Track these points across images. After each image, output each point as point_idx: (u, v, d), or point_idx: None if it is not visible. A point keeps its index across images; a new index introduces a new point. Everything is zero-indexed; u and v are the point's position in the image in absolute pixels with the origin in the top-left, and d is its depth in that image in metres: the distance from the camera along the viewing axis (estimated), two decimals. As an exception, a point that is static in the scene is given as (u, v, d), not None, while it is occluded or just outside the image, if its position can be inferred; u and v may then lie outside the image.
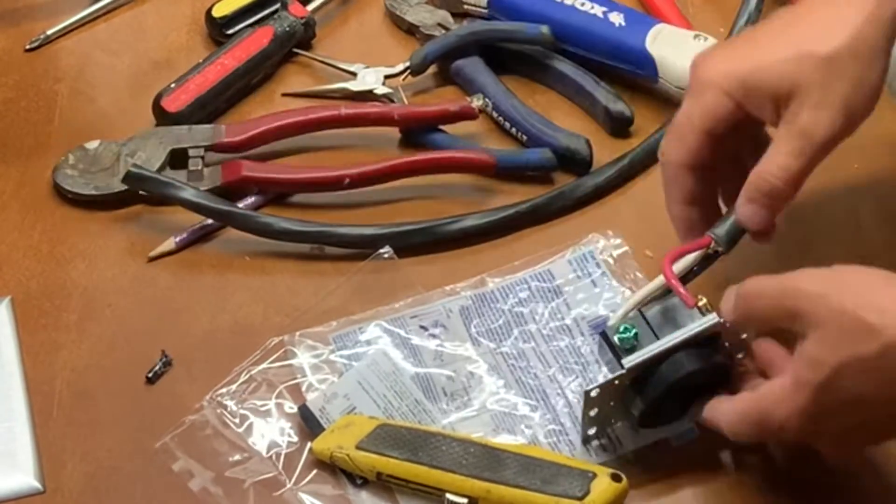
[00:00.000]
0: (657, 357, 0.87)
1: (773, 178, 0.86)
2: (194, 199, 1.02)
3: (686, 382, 0.87)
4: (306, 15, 1.16)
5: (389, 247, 1.01)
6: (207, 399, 0.92)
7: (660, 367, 0.87)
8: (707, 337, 0.87)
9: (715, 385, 0.88)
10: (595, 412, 0.89)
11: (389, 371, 0.94)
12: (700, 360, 0.87)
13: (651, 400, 0.87)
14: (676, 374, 0.86)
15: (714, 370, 0.88)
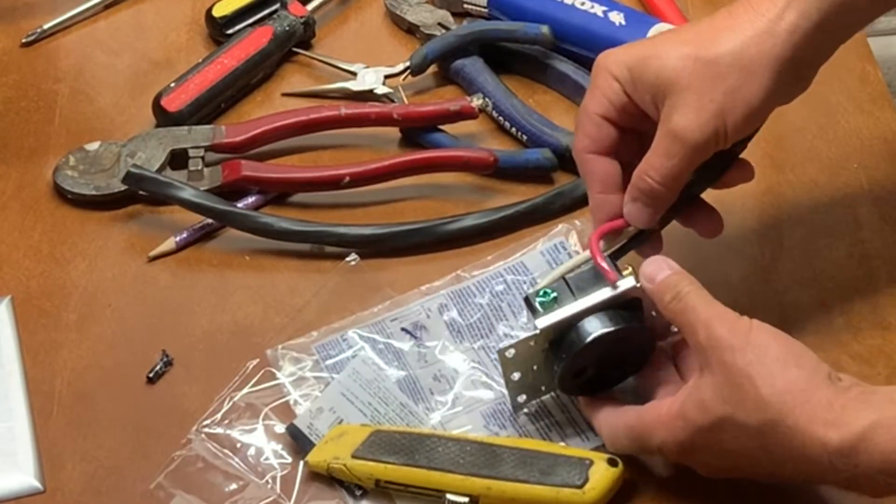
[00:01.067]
0: (572, 318, 0.86)
1: (649, 178, 0.86)
2: (194, 199, 1.03)
3: (602, 346, 0.86)
4: (306, 14, 1.16)
5: (355, 254, 1.01)
6: (194, 431, 0.91)
7: (574, 328, 0.86)
8: (628, 302, 0.87)
9: (640, 356, 0.88)
10: (518, 376, 0.88)
11: (372, 378, 0.94)
12: (615, 322, 0.86)
13: (566, 363, 0.86)
14: (590, 336, 0.85)
15: (633, 336, 0.87)
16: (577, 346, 0.86)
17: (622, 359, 0.88)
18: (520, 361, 0.88)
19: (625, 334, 0.86)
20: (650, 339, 0.88)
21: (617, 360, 0.88)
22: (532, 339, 0.87)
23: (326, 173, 1.06)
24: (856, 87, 1.13)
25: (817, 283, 1.00)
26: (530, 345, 0.87)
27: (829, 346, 0.96)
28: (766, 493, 0.89)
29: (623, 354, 0.88)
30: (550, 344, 0.87)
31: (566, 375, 0.87)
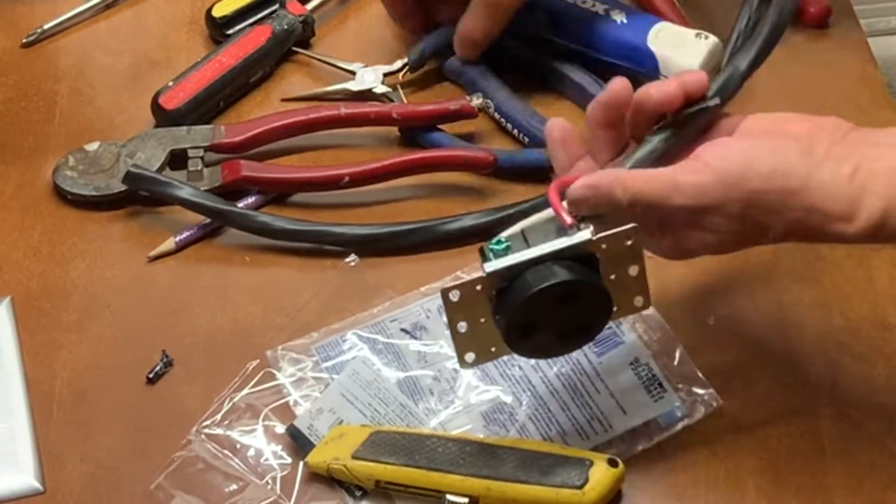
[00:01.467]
0: (522, 265, 0.81)
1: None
2: (192, 199, 1.03)
3: (551, 299, 0.81)
4: (305, 13, 1.16)
5: (355, 254, 1.01)
6: (194, 432, 0.92)
7: (522, 277, 0.81)
8: (584, 257, 0.82)
9: (596, 319, 0.84)
10: (465, 328, 0.83)
11: (371, 379, 0.94)
12: (566, 274, 0.80)
13: (512, 313, 0.81)
14: (538, 285, 0.80)
15: (587, 295, 0.82)
16: (524, 295, 0.80)
17: (576, 321, 0.83)
18: (466, 309, 0.82)
19: (577, 289, 0.81)
20: (607, 302, 0.83)
21: (570, 321, 0.83)
22: (478, 282, 0.81)
23: (326, 173, 1.06)
24: (856, 87, 1.13)
25: (817, 283, 1.00)
26: (476, 290, 0.81)
27: (829, 346, 0.96)
28: (766, 494, 0.89)
29: (577, 316, 0.83)
30: (498, 294, 0.81)
31: (513, 329, 0.82)
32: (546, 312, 0.82)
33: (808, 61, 1.15)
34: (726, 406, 0.93)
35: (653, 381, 0.94)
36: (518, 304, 0.81)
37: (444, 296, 0.82)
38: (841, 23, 1.18)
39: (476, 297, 0.82)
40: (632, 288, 0.85)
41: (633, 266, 0.84)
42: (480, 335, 0.84)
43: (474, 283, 0.81)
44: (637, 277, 0.84)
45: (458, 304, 0.82)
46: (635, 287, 0.85)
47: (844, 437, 0.92)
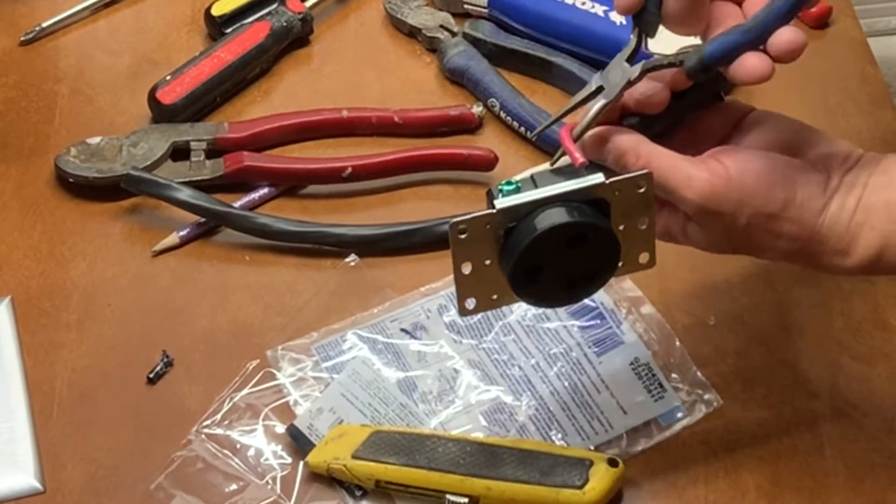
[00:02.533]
0: (533, 204, 0.79)
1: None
2: (191, 201, 1.03)
3: (560, 241, 0.79)
4: (304, 11, 1.16)
5: (355, 255, 1.01)
6: (194, 432, 0.92)
7: (532, 216, 0.79)
8: (595, 202, 0.80)
9: (603, 266, 0.81)
10: (469, 270, 0.81)
11: (371, 379, 0.94)
12: (575, 215, 0.79)
13: (521, 252, 0.79)
14: (548, 224, 0.78)
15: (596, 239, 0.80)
16: (533, 235, 0.78)
17: (583, 266, 0.81)
18: (472, 248, 0.80)
19: (586, 232, 0.79)
20: (615, 250, 0.81)
21: (577, 266, 0.81)
22: (488, 218, 0.79)
23: (328, 165, 1.07)
24: (856, 87, 1.13)
25: (817, 283, 1.00)
26: (485, 227, 0.79)
27: (829, 346, 0.96)
28: (766, 494, 0.89)
29: (583, 262, 0.81)
30: (506, 234, 0.80)
31: (519, 271, 0.79)
32: (553, 256, 0.80)
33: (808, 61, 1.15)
34: (726, 406, 0.93)
35: (653, 381, 0.94)
36: (527, 243, 0.79)
37: (452, 231, 0.79)
38: (841, 23, 1.18)
39: (484, 236, 0.80)
40: (639, 242, 0.83)
41: (642, 217, 0.82)
42: (484, 279, 0.82)
43: (484, 219, 0.79)
44: (645, 231, 0.82)
45: (466, 241, 0.80)
46: (642, 241, 0.83)
47: (844, 437, 0.92)
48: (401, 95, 1.13)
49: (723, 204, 0.79)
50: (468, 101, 1.12)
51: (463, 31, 1.16)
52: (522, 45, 1.15)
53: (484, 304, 0.83)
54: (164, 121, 1.09)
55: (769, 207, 0.79)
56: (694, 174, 0.79)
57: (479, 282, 0.82)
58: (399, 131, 1.10)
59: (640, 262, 0.83)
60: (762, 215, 0.79)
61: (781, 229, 0.80)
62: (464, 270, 0.81)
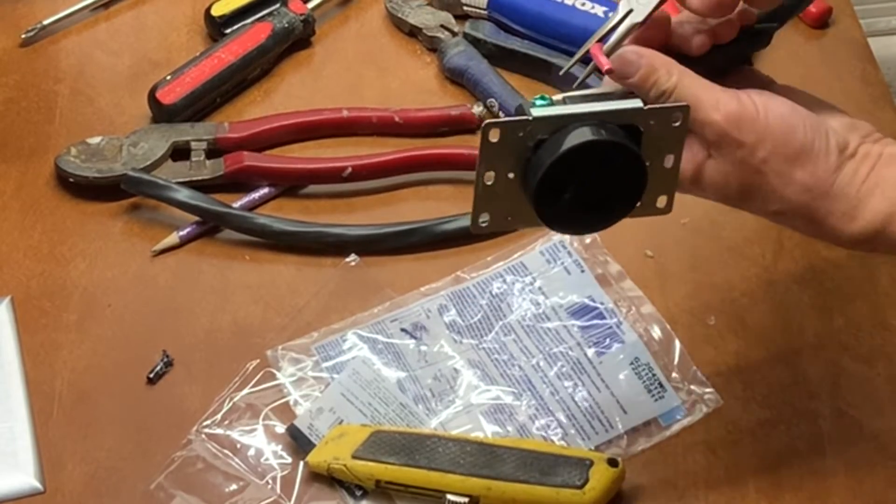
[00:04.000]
0: (568, 118, 0.78)
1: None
2: (191, 202, 1.03)
3: (590, 158, 0.78)
4: (306, 12, 1.16)
5: (355, 255, 1.01)
6: (194, 432, 0.92)
7: (564, 130, 0.77)
8: (628, 128, 0.79)
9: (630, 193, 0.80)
10: (492, 180, 0.79)
11: (371, 379, 0.94)
12: (609, 134, 0.77)
13: (551, 164, 0.77)
14: (580, 139, 0.77)
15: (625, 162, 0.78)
16: (567, 147, 0.77)
17: (606, 192, 0.79)
18: (499, 156, 0.78)
19: (617, 154, 0.78)
20: (642, 177, 0.79)
21: (600, 190, 0.79)
22: (523, 124, 0.77)
23: (328, 165, 1.07)
24: (856, 87, 1.13)
25: (817, 283, 1.00)
26: (518, 134, 0.77)
27: (829, 346, 0.96)
28: (766, 494, 0.89)
29: (608, 185, 0.79)
30: (535, 146, 0.78)
31: (545, 184, 0.78)
32: (579, 175, 0.78)
33: (808, 61, 1.15)
34: (726, 406, 0.93)
35: (653, 381, 0.94)
36: (559, 155, 0.77)
37: (484, 133, 0.77)
38: (841, 23, 1.18)
39: (514, 145, 0.78)
40: (661, 181, 0.81)
41: (669, 156, 0.80)
42: (502, 194, 0.80)
43: (519, 124, 0.77)
44: (670, 171, 0.81)
45: (495, 146, 0.78)
46: (664, 183, 0.81)
47: (844, 437, 0.92)
48: (401, 95, 1.13)
49: (746, 133, 0.79)
50: (468, 101, 1.12)
51: (463, 31, 1.16)
52: (522, 45, 1.15)
53: (497, 221, 0.81)
54: (163, 121, 1.09)
55: (788, 148, 0.79)
56: (723, 98, 0.79)
57: (497, 196, 0.80)
58: (399, 131, 1.10)
59: (658, 206, 0.82)
60: (780, 154, 0.79)
61: (794, 175, 0.79)
62: (486, 180, 0.79)
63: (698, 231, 1.03)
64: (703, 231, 1.03)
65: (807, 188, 0.79)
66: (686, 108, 0.79)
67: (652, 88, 0.80)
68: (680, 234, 1.03)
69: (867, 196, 0.79)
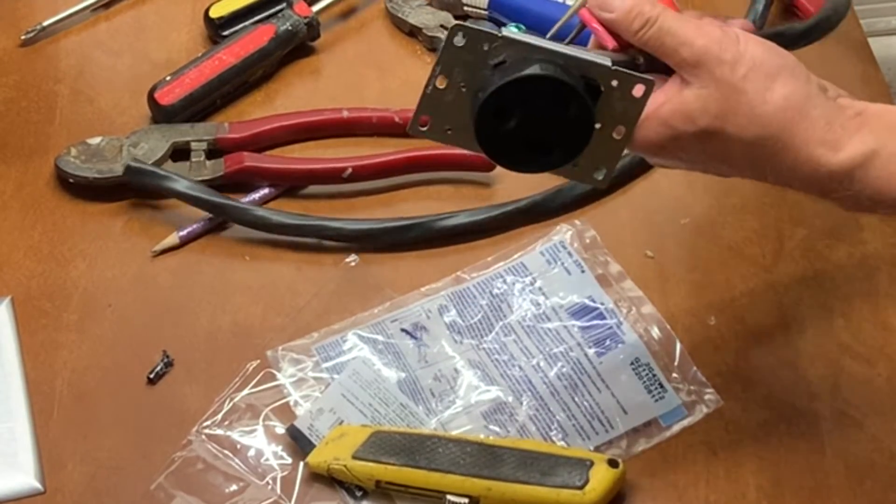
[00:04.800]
0: (533, 49, 0.78)
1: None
2: (190, 192, 1.03)
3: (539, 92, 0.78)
4: (310, 15, 1.15)
5: (355, 255, 1.01)
6: (194, 432, 0.92)
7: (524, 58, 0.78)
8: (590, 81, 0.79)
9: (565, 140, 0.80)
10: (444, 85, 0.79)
11: (371, 379, 0.94)
12: (564, 74, 0.78)
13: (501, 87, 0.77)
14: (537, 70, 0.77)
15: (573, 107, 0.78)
16: (521, 72, 0.77)
17: (548, 135, 0.79)
18: (458, 62, 0.78)
19: (569, 97, 0.78)
20: (586, 132, 0.79)
21: (542, 131, 0.79)
22: (491, 37, 0.78)
23: (328, 165, 1.07)
24: (857, 87, 1.13)
25: (817, 284, 1.00)
26: (482, 47, 0.78)
27: (829, 347, 0.96)
28: (766, 494, 0.89)
29: (552, 129, 0.79)
30: (495, 67, 0.78)
31: (490, 104, 0.78)
32: (528, 107, 0.78)
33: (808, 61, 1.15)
34: (726, 406, 0.93)
35: (653, 381, 0.94)
36: (512, 79, 0.77)
37: (450, 35, 0.78)
38: (841, 23, 1.18)
39: (475, 55, 0.78)
40: (604, 152, 0.81)
41: (620, 126, 0.80)
42: (449, 104, 0.80)
43: (487, 36, 0.78)
44: (616, 143, 0.81)
45: (457, 51, 0.78)
46: (608, 154, 0.81)
47: (844, 437, 0.92)
48: (401, 95, 1.13)
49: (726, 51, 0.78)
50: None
51: (463, 30, 1.16)
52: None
53: (436, 130, 0.81)
54: (162, 121, 1.09)
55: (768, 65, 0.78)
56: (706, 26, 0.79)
57: (444, 105, 0.80)
58: (399, 131, 1.10)
59: (595, 177, 0.82)
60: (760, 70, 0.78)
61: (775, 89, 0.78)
62: (438, 83, 0.79)
63: (698, 231, 1.04)
64: (703, 231, 1.03)
65: (788, 105, 0.78)
66: (651, 83, 0.79)
67: (636, 19, 0.79)
68: (680, 234, 1.03)
69: (855, 128, 0.78)
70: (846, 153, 0.77)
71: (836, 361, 0.96)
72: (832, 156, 0.78)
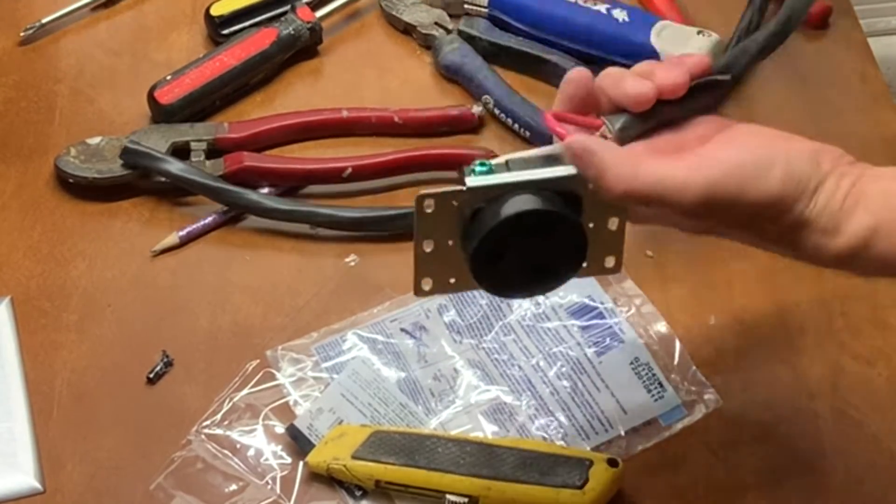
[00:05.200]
0: (505, 187, 0.77)
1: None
2: (185, 175, 1.04)
3: (527, 227, 0.77)
4: (313, 20, 1.15)
5: (355, 255, 1.01)
6: (194, 432, 0.92)
7: (501, 199, 0.77)
8: (567, 195, 0.78)
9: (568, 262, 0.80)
10: (430, 248, 0.79)
11: (371, 379, 0.94)
12: (546, 203, 0.77)
13: (486, 234, 0.77)
14: (517, 208, 0.77)
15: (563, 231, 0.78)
16: (500, 218, 0.77)
17: (547, 258, 0.79)
18: (436, 225, 0.78)
19: (553, 222, 0.78)
20: (581, 245, 0.79)
21: (540, 257, 0.79)
22: (457, 194, 0.77)
23: (328, 165, 1.07)
24: (856, 87, 1.13)
25: (817, 284, 1.00)
26: (453, 204, 0.77)
27: (829, 346, 0.96)
28: (766, 494, 0.89)
29: (548, 252, 0.79)
30: (473, 214, 0.78)
31: (481, 253, 0.78)
32: (517, 242, 0.78)
33: (808, 61, 1.15)
34: (726, 406, 0.93)
35: (653, 381, 0.94)
36: (493, 225, 0.77)
37: (418, 204, 0.78)
38: (841, 23, 1.18)
39: (450, 214, 0.78)
40: (607, 244, 0.81)
41: (613, 218, 0.80)
42: (443, 260, 0.80)
43: (453, 195, 0.77)
44: (615, 233, 0.81)
45: (431, 216, 0.78)
46: (610, 244, 0.82)
47: (844, 437, 0.92)
48: (400, 95, 1.13)
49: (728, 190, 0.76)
50: (466, 100, 1.12)
51: (458, 28, 1.16)
52: (517, 42, 1.15)
53: (441, 286, 0.81)
54: (161, 121, 1.09)
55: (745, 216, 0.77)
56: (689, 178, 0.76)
57: (438, 262, 0.80)
58: (399, 131, 1.10)
59: (606, 266, 0.82)
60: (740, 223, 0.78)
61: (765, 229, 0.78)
62: (425, 248, 0.79)
63: (698, 231, 1.03)
64: (704, 231, 1.03)
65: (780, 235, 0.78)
66: None
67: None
68: (680, 234, 1.03)
69: (851, 210, 0.77)
70: (847, 235, 0.77)
71: (835, 361, 0.96)
72: (835, 241, 0.77)
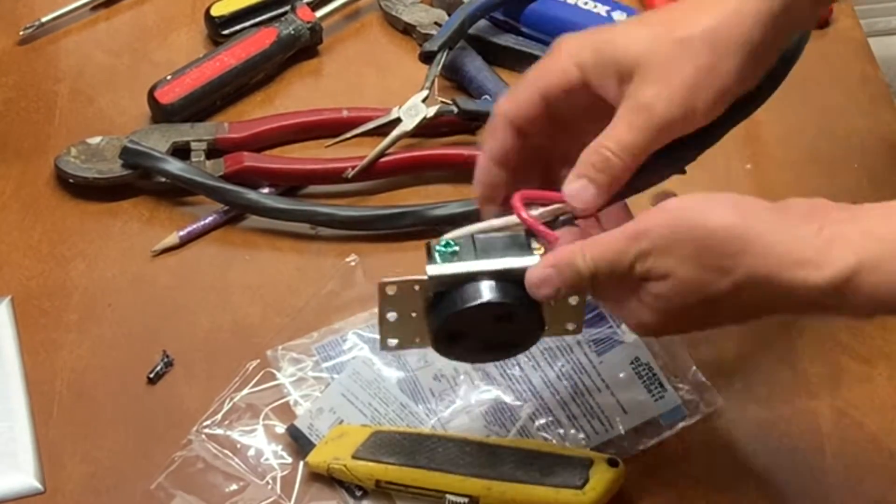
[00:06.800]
0: (465, 276, 0.80)
1: (607, 149, 0.80)
2: (184, 174, 1.03)
3: (485, 315, 0.80)
4: (313, 20, 1.15)
5: (355, 255, 1.01)
6: (194, 432, 0.92)
7: (462, 287, 0.80)
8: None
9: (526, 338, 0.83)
10: (394, 317, 0.82)
11: (371, 379, 0.94)
12: (505, 295, 0.79)
13: (444, 321, 0.80)
14: (474, 301, 0.79)
15: (522, 316, 0.81)
16: (459, 307, 0.80)
17: (505, 337, 0.82)
18: (399, 302, 0.81)
19: (513, 311, 0.80)
20: (539, 327, 0.82)
21: (499, 336, 0.82)
22: (418, 282, 0.81)
23: (329, 165, 1.07)
24: (856, 87, 1.13)
25: (817, 283, 1.00)
26: (414, 289, 0.81)
27: (829, 346, 0.96)
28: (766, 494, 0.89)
29: (507, 332, 0.82)
30: (434, 296, 0.81)
31: (441, 335, 0.81)
32: (477, 325, 0.81)
33: (808, 61, 1.15)
34: (726, 406, 0.93)
35: (653, 381, 0.94)
36: (452, 314, 0.80)
37: (380, 289, 0.81)
38: (841, 23, 1.18)
39: (412, 295, 0.81)
40: (568, 314, 0.83)
41: (574, 296, 0.82)
42: (407, 326, 0.83)
43: (414, 283, 0.81)
44: (576, 307, 0.83)
45: (394, 297, 0.82)
46: (572, 314, 0.84)
47: (844, 437, 0.92)
48: (400, 95, 1.13)
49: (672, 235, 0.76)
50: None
51: (458, 28, 1.16)
52: (517, 42, 1.15)
53: (406, 344, 0.84)
54: (161, 121, 1.09)
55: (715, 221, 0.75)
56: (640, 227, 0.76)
57: (403, 327, 0.83)
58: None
59: (567, 329, 0.85)
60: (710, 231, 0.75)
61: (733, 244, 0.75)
62: (389, 318, 0.82)
63: (698, 231, 1.03)
64: (703, 231, 1.03)
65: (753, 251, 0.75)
66: None
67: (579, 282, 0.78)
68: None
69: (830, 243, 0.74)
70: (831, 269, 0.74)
71: (835, 361, 0.96)
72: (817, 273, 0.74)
